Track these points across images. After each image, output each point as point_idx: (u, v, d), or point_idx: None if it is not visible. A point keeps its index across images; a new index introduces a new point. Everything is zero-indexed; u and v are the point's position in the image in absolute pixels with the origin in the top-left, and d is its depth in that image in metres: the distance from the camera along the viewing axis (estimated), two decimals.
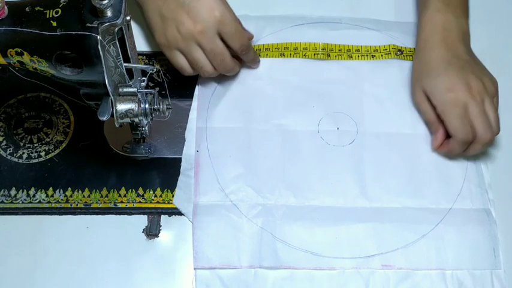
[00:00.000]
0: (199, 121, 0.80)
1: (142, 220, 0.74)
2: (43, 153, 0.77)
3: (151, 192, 0.75)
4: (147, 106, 0.67)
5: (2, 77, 0.83)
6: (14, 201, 0.74)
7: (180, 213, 0.74)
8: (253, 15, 0.88)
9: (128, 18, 0.59)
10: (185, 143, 0.78)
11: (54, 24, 0.59)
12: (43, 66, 0.62)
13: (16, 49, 0.61)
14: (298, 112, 0.81)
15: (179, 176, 0.76)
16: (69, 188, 0.75)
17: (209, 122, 0.80)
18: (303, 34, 0.87)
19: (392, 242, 0.72)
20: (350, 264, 0.71)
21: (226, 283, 0.70)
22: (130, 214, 0.74)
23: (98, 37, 0.57)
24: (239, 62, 0.81)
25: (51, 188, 0.75)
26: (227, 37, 0.76)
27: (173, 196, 0.75)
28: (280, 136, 0.79)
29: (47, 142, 0.78)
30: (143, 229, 0.73)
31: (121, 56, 0.62)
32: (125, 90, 0.65)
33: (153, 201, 0.75)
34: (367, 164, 0.78)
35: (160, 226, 0.73)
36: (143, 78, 0.68)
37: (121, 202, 0.74)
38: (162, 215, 0.74)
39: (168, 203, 0.75)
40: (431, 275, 0.71)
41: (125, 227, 0.73)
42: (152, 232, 0.73)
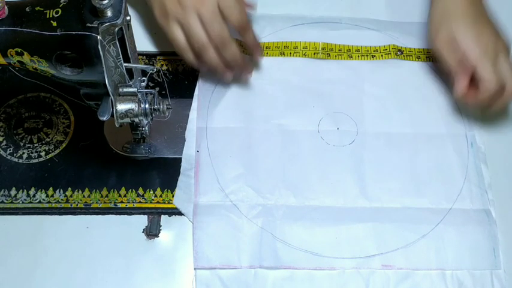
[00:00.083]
0: (199, 121, 0.80)
1: (142, 220, 0.74)
2: (43, 153, 0.77)
3: (151, 192, 0.75)
4: (147, 106, 0.67)
5: (2, 77, 0.83)
6: (14, 201, 0.74)
7: (180, 213, 0.74)
8: (253, 14, 0.88)
9: (128, 18, 0.59)
10: (185, 143, 0.78)
11: (54, 24, 0.59)
12: (43, 66, 0.62)
13: (16, 49, 0.61)
14: (298, 112, 0.81)
15: (179, 176, 0.76)
16: (69, 188, 0.75)
17: (209, 122, 0.80)
18: (303, 34, 0.87)
19: (392, 242, 0.72)
20: (350, 264, 0.71)
21: (226, 283, 0.70)
22: (130, 214, 0.74)
23: (98, 37, 0.57)
24: (241, 51, 0.79)
25: (51, 188, 0.75)
26: (226, 10, 0.74)
27: (173, 196, 0.75)
28: (280, 136, 0.79)
29: (47, 142, 0.78)
30: (143, 229, 0.73)
31: (121, 56, 0.62)
32: (125, 90, 0.65)
33: (153, 201, 0.75)
34: (367, 164, 0.78)
35: (160, 226, 0.73)
36: (143, 78, 0.68)
37: (121, 202, 0.74)
38: (162, 215, 0.74)
39: (168, 203, 0.75)
40: (431, 275, 0.71)
41: (125, 227, 0.73)
42: (152, 232, 0.73)
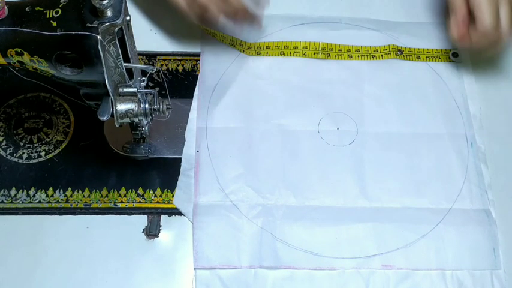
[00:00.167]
0: (199, 121, 0.80)
1: (142, 220, 0.74)
2: (43, 153, 0.77)
3: (151, 192, 0.75)
4: (147, 106, 0.67)
5: (2, 77, 0.83)
6: (14, 201, 0.74)
7: (180, 213, 0.74)
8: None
9: (128, 18, 0.59)
10: (185, 143, 0.78)
11: (54, 24, 0.59)
12: (43, 66, 0.62)
13: (16, 49, 0.61)
14: (298, 112, 0.81)
15: (179, 176, 0.76)
16: (69, 188, 0.75)
17: (209, 122, 0.80)
18: (303, 34, 0.87)
19: (392, 242, 0.72)
20: (350, 264, 0.71)
21: (226, 283, 0.70)
22: (130, 214, 0.74)
23: (98, 37, 0.57)
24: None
25: (51, 188, 0.75)
26: None
27: (173, 196, 0.75)
28: (280, 136, 0.79)
29: (47, 142, 0.78)
30: (143, 229, 0.73)
31: (121, 56, 0.62)
32: (125, 90, 0.65)
33: (153, 201, 0.75)
34: (367, 164, 0.78)
35: (160, 226, 0.73)
36: (143, 78, 0.68)
37: (121, 202, 0.74)
38: (162, 215, 0.74)
39: (168, 203, 0.75)
40: (431, 275, 0.71)
41: (125, 227, 0.73)
42: (152, 232, 0.73)
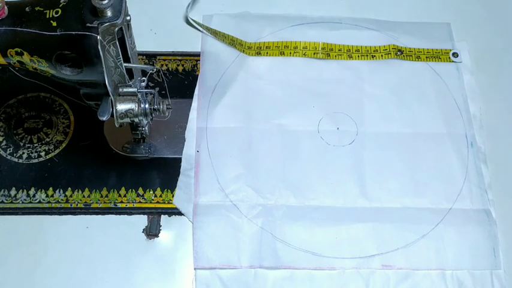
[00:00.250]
0: (199, 121, 0.80)
1: (142, 220, 0.74)
2: (43, 153, 0.77)
3: (151, 192, 0.75)
4: (147, 106, 0.67)
5: (2, 77, 0.83)
6: (14, 201, 0.74)
7: (180, 213, 0.74)
8: (253, 14, 0.88)
9: (128, 18, 0.59)
10: (185, 143, 0.78)
11: (54, 24, 0.59)
12: (43, 66, 0.62)
13: (16, 49, 0.61)
14: (298, 112, 0.81)
15: (179, 176, 0.76)
16: (69, 188, 0.75)
17: (209, 122, 0.80)
18: (303, 34, 0.87)
19: (392, 242, 0.72)
20: (350, 264, 0.71)
21: (226, 283, 0.70)
22: (130, 214, 0.74)
23: (98, 37, 0.57)
24: None
25: (51, 188, 0.75)
26: None
27: (173, 196, 0.75)
28: (280, 136, 0.79)
29: (47, 142, 0.78)
30: (143, 229, 0.73)
31: (121, 56, 0.62)
32: (125, 90, 0.65)
33: (153, 201, 0.75)
34: (367, 164, 0.78)
35: (160, 226, 0.73)
36: (143, 78, 0.68)
37: (121, 202, 0.74)
38: (162, 215, 0.74)
39: (168, 203, 0.75)
40: (431, 275, 0.71)
41: (125, 227, 0.73)
42: (152, 232, 0.73)
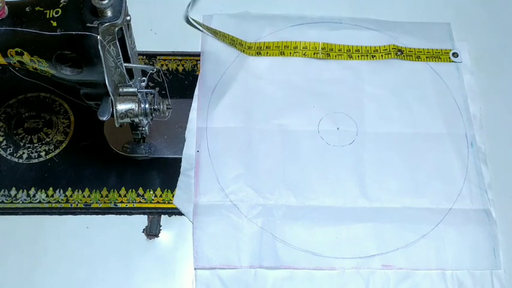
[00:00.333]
0: (199, 121, 0.80)
1: (142, 220, 0.74)
2: (43, 153, 0.77)
3: (151, 192, 0.75)
4: (147, 106, 0.67)
5: (2, 77, 0.83)
6: (14, 201, 0.74)
7: (180, 213, 0.74)
8: (253, 14, 0.88)
9: (128, 18, 0.59)
10: (185, 143, 0.78)
11: (54, 24, 0.59)
12: (43, 66, 0.62)
13: (16, 49, 0.61)
14: (298, 112, 0.81)
15: (179, 176, 0.76)
16: (69, 188, 0.75)
17: (209, 122, 0.80)
18: (303, 34, 0.87)
19: (392, 242, 0.72)
20: (350, 264, 0.71)
21: (226, 283, 0.70)
22: (130, 214, 0.74)
23: (98, 37, 0.57)
24: None
25: (51, 188, 0.75)
26: None
27: (173, 196, 0.75)
28: (280, 136, 0.79)
29: (47, 142, 0.78)
30: (143, 229, 0.73)
31: (121, 56, 0.62)
32: (125, 90, 0.65)
33: (153, 201, 0.75)
34: (367, 164, 0.78)
35: (160, 226, 0.73)
36: (143, 78, 0.68)
37: (121, 202, 0.74)
38: (162, 215, 0.74)
39: (168, 203, 0.75)
40: (431, 275, 0.71)
41: (125, 227, 0.73)
42: (152, 232, 0.73)
